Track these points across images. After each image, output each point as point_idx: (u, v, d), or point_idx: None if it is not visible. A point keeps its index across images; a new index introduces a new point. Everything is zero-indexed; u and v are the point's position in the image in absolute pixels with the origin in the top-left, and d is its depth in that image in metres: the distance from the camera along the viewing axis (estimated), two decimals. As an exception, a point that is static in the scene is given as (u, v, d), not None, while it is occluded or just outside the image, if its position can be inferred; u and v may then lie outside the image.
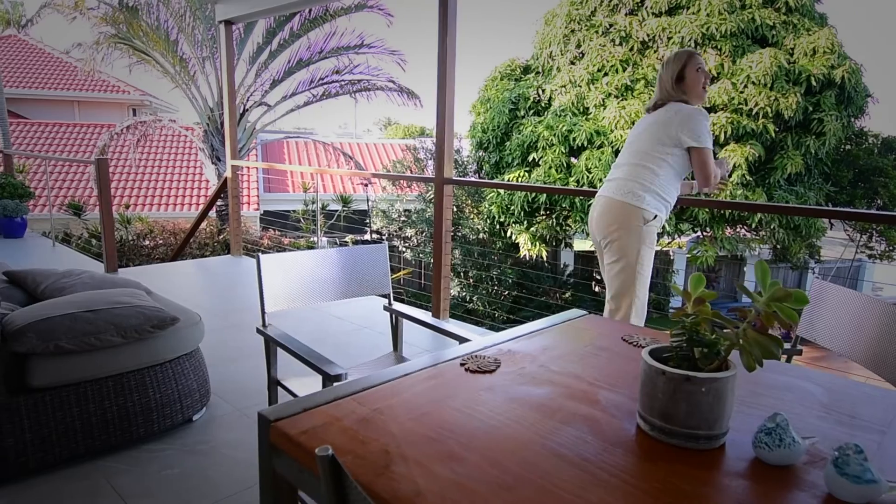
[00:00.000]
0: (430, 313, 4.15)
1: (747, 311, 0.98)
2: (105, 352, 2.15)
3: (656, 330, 1.58)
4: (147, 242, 9.36)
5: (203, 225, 9.20)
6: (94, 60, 8.99)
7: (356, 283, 2.12)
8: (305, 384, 1.91)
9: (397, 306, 2.19)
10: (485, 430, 0.96)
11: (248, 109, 9.71)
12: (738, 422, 1.02)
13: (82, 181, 12.33)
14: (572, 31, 10.02)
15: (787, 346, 1.78)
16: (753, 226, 9.31)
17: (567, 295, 11.49)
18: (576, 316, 1.63)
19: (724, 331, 0.98)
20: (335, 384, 1.46)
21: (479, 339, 1.50)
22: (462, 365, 1.25)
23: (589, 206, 3.04)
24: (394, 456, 0.87)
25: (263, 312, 1.89)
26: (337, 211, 11.54)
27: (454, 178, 3.97)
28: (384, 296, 2.22)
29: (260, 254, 1.87)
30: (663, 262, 11.93)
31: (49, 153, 13.13)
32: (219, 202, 9.20)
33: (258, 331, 1.89)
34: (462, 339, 1.81)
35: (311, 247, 9.21)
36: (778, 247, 10.30)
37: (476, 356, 1.30)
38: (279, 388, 1.92)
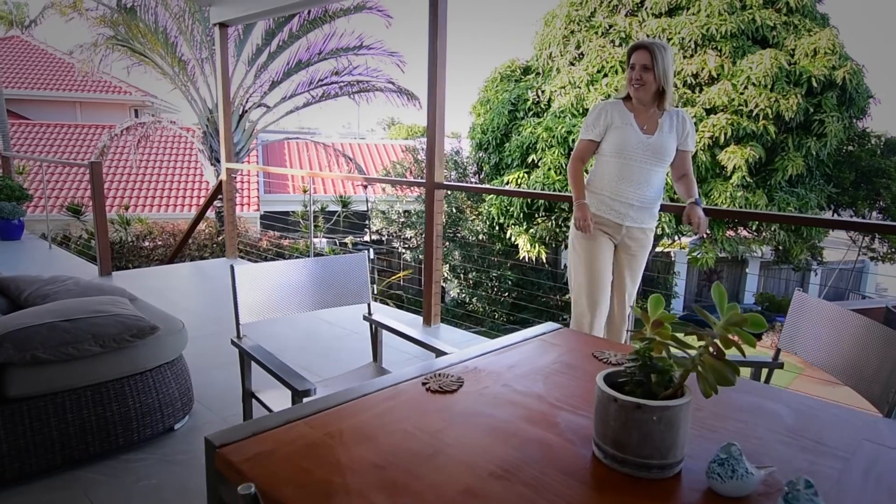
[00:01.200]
0: (421, 318, 4.13)
1: (705, 335, 0.95)
2: (83, 361, 2.14)
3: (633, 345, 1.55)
4: (146, 244, 9.37)
5: (202, 226, 9.21)
6: (91, 62, 9.00)
7: (334, 293, 2.10)
8: (282, 396, 1.89)
9: (377, 316, 2.18)
10: (434, 457, 0.94)
11: (247, 111, 9.70)
12: (697, 448, 1.00)
13: (83, 182, 12.35)
14: (572, 31, 9.97)
15: (769, 360, 1.75)
16: (754, 227, 9.25)
17: (567, 296, 11.44)
18: (548, 330, 1.61)
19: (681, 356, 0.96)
20: (305, 400, 1.44)
21: (451, 353, 1.48)
22: (424, 384, 1.22)
23: None
24: (336, 486, 0.85)
25: (238, 324, 1.88)
26: (337, 212, 11.53)
27: (445, 182, 3.96)
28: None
29: (233, 265, 1.85)
30: (664, 265, 11.86)
31: (50, 154, 13.16)
32: (219, 203, 9.19)
33: (233, 342, 1.88)
34: (439, 353, 1.79)
35: (308, 248, 9.20)
36: (779, 248, 10.23)
37: (440, 374, 1.28)
38: (254, 400, 1.90)
